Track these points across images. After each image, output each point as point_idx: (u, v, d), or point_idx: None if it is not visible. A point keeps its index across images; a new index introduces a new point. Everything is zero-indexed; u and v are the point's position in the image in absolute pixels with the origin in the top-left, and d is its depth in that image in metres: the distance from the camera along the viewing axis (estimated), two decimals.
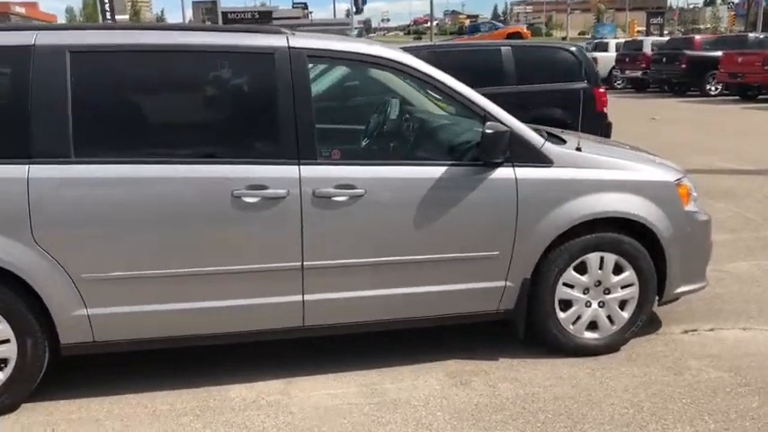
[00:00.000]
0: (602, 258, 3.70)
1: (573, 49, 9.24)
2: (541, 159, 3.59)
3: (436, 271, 3.53)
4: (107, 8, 48.81)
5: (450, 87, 3.54)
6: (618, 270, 3.75)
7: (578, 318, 3.77)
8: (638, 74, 23.61)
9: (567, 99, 8.90)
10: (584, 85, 8.93)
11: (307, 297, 3.40)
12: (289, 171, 3.27)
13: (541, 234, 3.58)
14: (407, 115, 3.89)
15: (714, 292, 4.72)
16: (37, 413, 3.27)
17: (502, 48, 9.05)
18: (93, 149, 3.15)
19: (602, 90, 9.01)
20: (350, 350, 3.86)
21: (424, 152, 3.65)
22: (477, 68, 8.82)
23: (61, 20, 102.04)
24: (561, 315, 3.73)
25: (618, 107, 19.42)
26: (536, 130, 3.85)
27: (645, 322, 3.89)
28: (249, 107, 3.39)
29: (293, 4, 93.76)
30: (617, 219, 3.68)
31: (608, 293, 3.77)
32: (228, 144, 3.35)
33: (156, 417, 3.24)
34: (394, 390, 3.48)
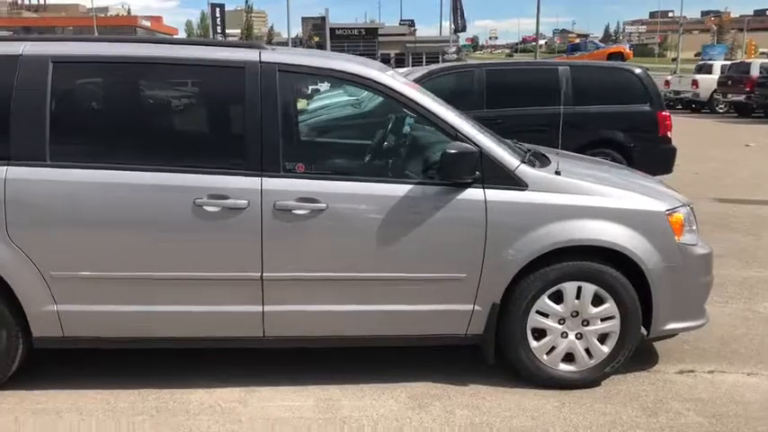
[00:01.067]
0: (579, 288, 3.54)
1: (637, 70, 8.92)
2: (515, 182, 3.48)
3: (399, 290, 3.48)
4: (218, 23, 51.29)
5: (421, 106, 3.50)
6: (598, 301, 3.57)
7: (553, 348, 3.61)
8: (742, 98, 22.33)
9: (627, 122, 8.60)
10: (646, 108, 8.60)
11: (266, 308, 3.44)
12: (250, 182, 3.33)
13: (512, 259, 3.47)
14: (382, 132, 3.87)
15: (735, 332, 4.43)
16: (8, 401, 3.46)
17: (559, 67, 8.84)
18: (68, 154, 3.33)
19: (665, 114, 8.64)
20: (321, 364, 3.86)
21: (392, 169, 3.61)
22: (531, 88, 8.68)
23: (181, 33, 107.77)
24: (534, 344, 3.59)
25: (712, 131, 18.54)
26: (518, 151, 3.74)
27: (627, 358, 3.67)
28: (216, 118, 3.49)
29: (400, 21, 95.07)
30: (596, 248, 3.52)
31: (586, 325, 3.60)
32: (194, 153, 3.45)
33: (113, 413, 3.36)
34: (349, 407, 3.45)
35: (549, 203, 3.49)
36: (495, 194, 3.46)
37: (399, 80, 3.56)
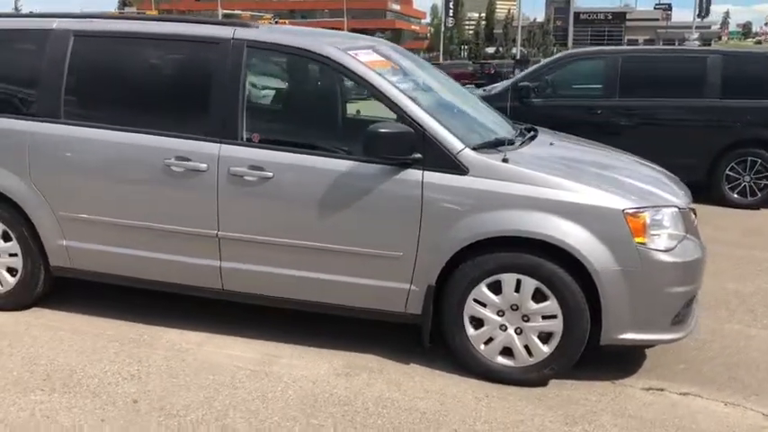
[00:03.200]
0: (518, 281, 3.41)
1: None
2: (455, 166, 3.44)
3: (341, 261, 3.62)
4: (451, 6, 52.16)
5: (373, 86, 3.56)
6: (541, 298, 3.41)
7: (491, 339, 3.52)
8: None
9: None
10: None
11: (223, 264, 3.79)
12: (211, 148, 3.68)
13: (446, 243, 3.44)
14: (335, 109, 3.97)
15: (749, 355, 3.96)
16: (28, 315, 4.20)
17: (709, 56, 8.02)
18: (74, 114, 3.93)
19: None
20: (285, 323, 4.08)
21: (339, 145, 3.70)
22: (674, 78, 8.02)
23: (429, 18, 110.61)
24: (471, 332, 3.53)
25: None
26: (484, 133, 3.67)
27: (571, 361, 3.46)
28: (191, 88, 3.87)
29: (655, 5, 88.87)
30: (539, 241, 3.36)
31: (527, 321, 3.45)
32: (170, 119, 3.87)
33: (97, 338, 3.94)
34: (283, 365, 3.68)
35: (486, 190, 3.40)
36: (433, 177, 3.44)
37: (361, 59, 3.65)
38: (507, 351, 3.52)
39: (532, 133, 4.24)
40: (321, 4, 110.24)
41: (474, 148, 3.50)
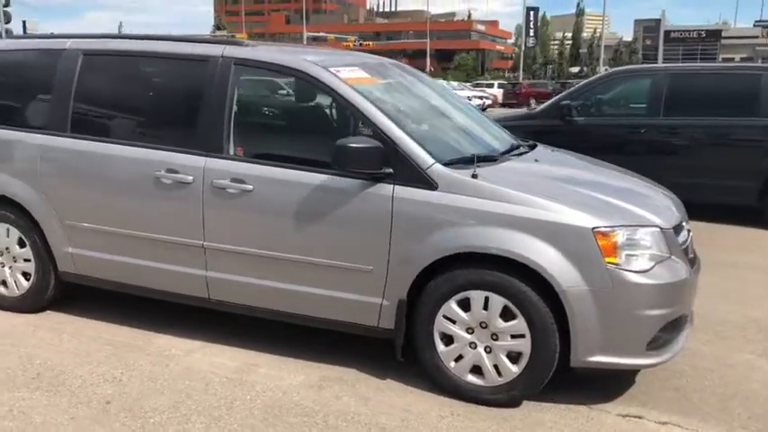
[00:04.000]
0: (486, 298, 3.36)
1: None
2: (424, 181, 3.43)
3: (315, 274, 3.66)
4: (531, 26, 51.64)
5: (350, 102, 3.61)
6: (510, 316, 3.35)
7: (461, 357, 3.48)
8: None
9: None
10: None
11: (209, 273, 3.91)
12: (197, 161, 3.82)
13: (416, 258, 3.44)
14: (313, 124, 4.01)
15: (749, 386, 3.75)
16: (38, 317, 4.46)
17: (763, 74, 7.65)
18: (79, 127, 4.16)
19: None
20: (275, 333, 4.15)
21: (315, 159, 3.74)
22: (723, 96, 7.70)
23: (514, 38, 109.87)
24: (441, 348, 3.50)
25: None
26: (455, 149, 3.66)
27: (541, 383, 3.37)
28: (182, 104, 4.03)
29: (755, 22, 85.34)
30: (506, 258, 3.30)
31: (495, 339, 3.39)
32: (163, 132, 4.05)
33: (94, 341, 4.13)
34: (260, 374, 3.74)
35: (454, 206, 3.37)
36: (404, 192, 3.45)
37: (342, 76, 3.71)
38: (477, 369, 3.46)
39: (523, 149, 4.18)
40: (406, 25, 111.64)
41: (447, 164, 3.49)
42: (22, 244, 4.40)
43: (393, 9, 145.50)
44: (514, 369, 3.38)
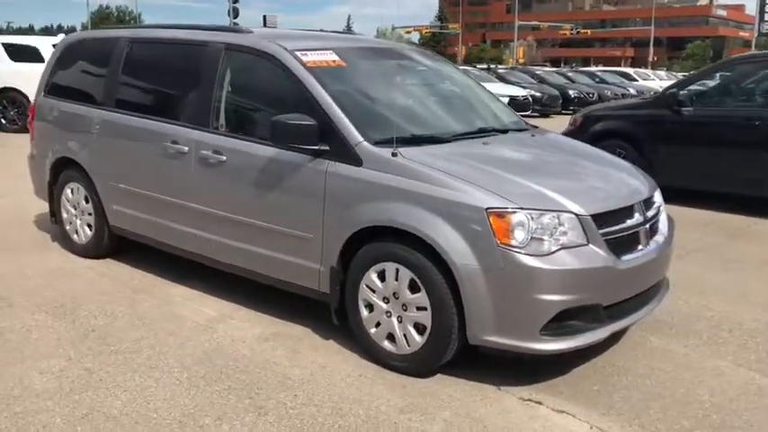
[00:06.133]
0: (397, 270, 3.54)
1: None
2: (352, 157, 3.68)
3: (273, 238, 4.05)
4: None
5: (301, 83, 3.94)
6: (416, 289, 3.51)
7: (379, 324, 3.69)
8: None
9: None
10: None
11: (200, 233, 4.47)
12: (192, 134, 4.39)
13: (341, 230, 3.70)
14: (282, 101, 4.27)
15: (679, 388, 3.55)
16: (99, 263, 5.34)
17: None
18: (121, 103, 4.94)
19: None
20: (266, 294, 4.57)
21: None
22: None
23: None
24: (365, 314, 3.73)
25: None
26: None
27: (439, 356, 3.48)
28: (187, 83, 4.58)
29: None
30: (412, 234, 3.46)
31: (405, 310, 3.56)
32: (173, 108, 4.65)
33: (119, 283, 4.89)
34: (229, 324, 4.22)
35: (373, 182, 3.58)
36: (336, 167, 3.72)
37: (305, 59, 4.04)
38: (392, 337, 3.65)
39: (494, 133, 4.24)
40: (633, 12, 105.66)
41: (377, 142, 3.69)
42: (87, 200, 5.29)
43: None
44: (418, 339, 3.52)
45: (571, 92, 22.30)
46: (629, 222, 3.60)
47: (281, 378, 3.56)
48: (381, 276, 3.61)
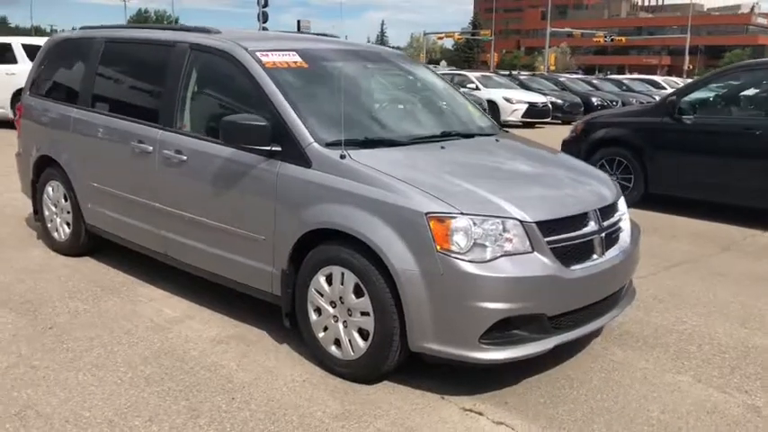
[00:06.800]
0: (343, 274, 3.49)
1: None
2: (302, 159, 3.64)
3: (228, 239, 4.02)
4: None
5: (258, 83, 3.90)
6: (361, 294, 3.45)
7: (326, 328, 3.64)
8: None
9: None
10: None
11: (163, 232, 4.47)
12: (155, 133, 4.39)
13: (290, 232, 3.66)
14: (241, 101, 4.23)
15: (637, 408, 3.39)
16: (76, 261, 5.37)
17: None
18: (96, 102, 4.97)
19: None
20: (233, 296, 4.57)
21: None
22: None
23: None
24: (314, 318, 3.68)
25: None
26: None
27: (381, 363, 3.41)
28: (154, 83, 4.59)
29: None
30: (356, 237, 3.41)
31: (350, 315, 3.50)
32: (141, 108, 4.65)
33: (88, 281, 4.92)
34: (187, 325, 4.20)
35: (321, 184, 3.54)
36: (287, 168, 3.69)
37: (265, 59, 4.01)
38: (339, 342, 3.60)
39: (456, 137, 4.18)
40: (670, 20, 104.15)
41: (328, 144, 3.64)
42: (65, 198, 5.34)
43: (660, 2, 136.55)
44: (362, 345, 3.46)
45: (594, 99, 21.98)
46: (582, 231, 3.50)
47: (224, 381, 3.53)
48: (329, 280, 3.56)
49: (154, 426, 3.10)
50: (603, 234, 3.61)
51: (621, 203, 3.96)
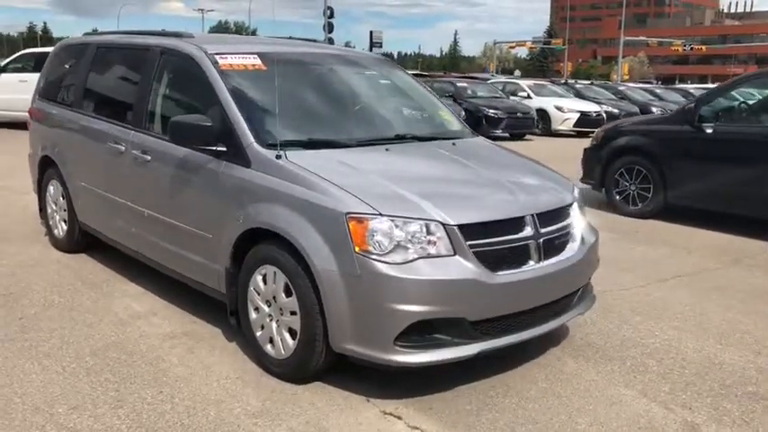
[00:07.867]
0: (275, 273, 3.52)
1: None
2: (243, 158, 3.69)
3: (183, 236, 4.11)
4: None
5: (210, 84, 3.98)
6: (290, 293, 3.46)
7: (263, 327, 3.67)
8: None
9: None
10: None
11: (134, 230, 4.61)
12: (128, 134, 4.54)
13: (232, 231, 3.71)
14: (200, 102, 4.28)
15: (565, 420, 3.27)
16: (61, 255, 5.59)
17: None
18: (85, 104, 5.17)
19: None
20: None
21: None
22: None
23: None
24: (253, 317, 3.72)
25: None
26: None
27: (306, 363, 3.42)
28: (130, 86, 4.74)
29: None
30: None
31: (282, 314, 3.53)
32: (119, 110, 4.80)
33: (74, 275, 5.11)
34: (148, 320, 4.32)
35: (258, 183, 3.58)
36: (230, 168, 3.75)
37: (222, 61, 4.08)
38: (273, 341, 3.62)
39: (404, 140, 4.14)
40: (757, 27, 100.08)
41: (269, 145, 3.68)
42: (63, 197, 5.57)
43: (748, 9, 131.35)
44: (291, 345, 3.47)
45: (654, 109, 21.30)
46: (515, 235, 3.41)
47: (159, 375, 3.60)
48: (265, 279, 3.59)
49: (75, 414, 3.20)
50: (542, 240, 3.51)
51: (573, 209, 3.84)
